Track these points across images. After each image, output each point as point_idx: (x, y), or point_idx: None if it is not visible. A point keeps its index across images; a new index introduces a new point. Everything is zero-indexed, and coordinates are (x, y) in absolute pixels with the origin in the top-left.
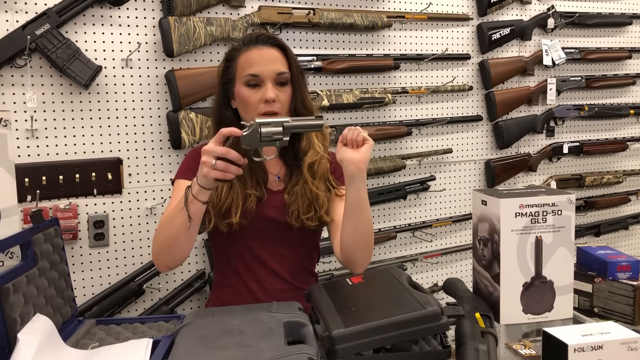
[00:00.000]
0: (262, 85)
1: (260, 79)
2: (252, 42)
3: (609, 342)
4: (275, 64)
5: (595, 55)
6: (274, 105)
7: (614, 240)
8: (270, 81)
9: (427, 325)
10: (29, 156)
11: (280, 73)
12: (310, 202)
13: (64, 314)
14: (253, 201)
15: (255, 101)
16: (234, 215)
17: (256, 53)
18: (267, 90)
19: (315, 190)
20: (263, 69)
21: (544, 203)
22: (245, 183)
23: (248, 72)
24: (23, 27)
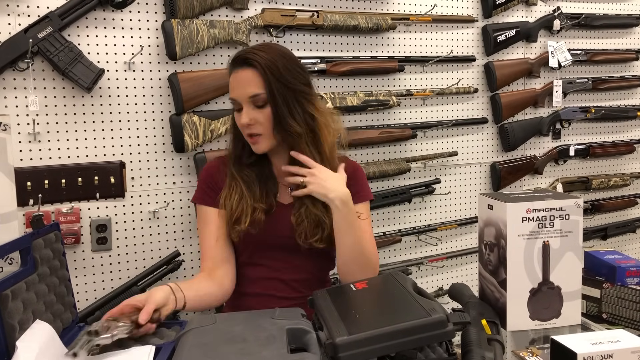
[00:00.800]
0: (242, 109)
1: (238, 103)
2: (231, 64)
3: (619, 351)
4: (248, 86)
5: (602, 57)
6: (252, 127)
7: (621, 244)
8: (245, 104)
9: (432, 333)
10: (31, 160)
11: (254, 95)
12: (317, 224)
13: (64, 320)
14: (261, 213)
15: (240, 125)
16: (243, 223)
17: (233, 77)
18: (241, 115)
19: (318, 213)
20: (237, 93)
21: (551, 207)
22: (254, 194)
23: (230, 96)
24: (25, 30)
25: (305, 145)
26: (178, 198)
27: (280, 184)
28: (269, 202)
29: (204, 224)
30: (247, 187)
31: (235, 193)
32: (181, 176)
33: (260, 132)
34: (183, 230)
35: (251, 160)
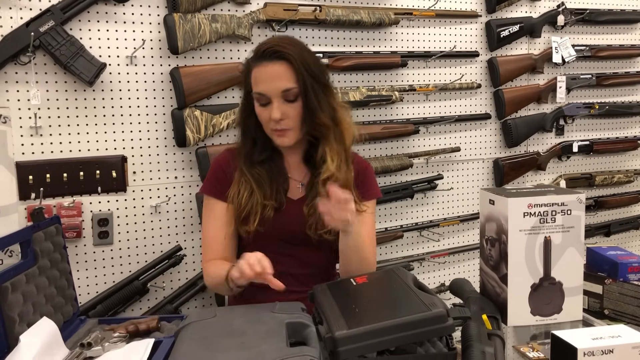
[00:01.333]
0: (270, 103)
1: (266, 97)
2: (258, 58)
3: (619, 346)
4: (281, 80)
5: (606, 53)
6: (283, 122)
7: (624, 241)
8: (276, 99)
9: (432, 327)
10: (33, 154)
11: (286, 90)
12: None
13: (65, 313)
14: (271, 210)
15: (265, 119)
16: (252, 222)
17: (261, 71)
18: (272, 110)
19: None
20: (267, 87)
21: (552, 202)
22: (264, 191)
23: (256, 90)
24: (27, 24)
25: (332, 139)
26: (180, 192)
27: (291, 179)
28: (279, 199)
29: (210, 216)
30: (258, 185)
31: (244, 190)
32: (183, 171)
33: (290, 126)
34: (185, 225)
35: (262, 158)
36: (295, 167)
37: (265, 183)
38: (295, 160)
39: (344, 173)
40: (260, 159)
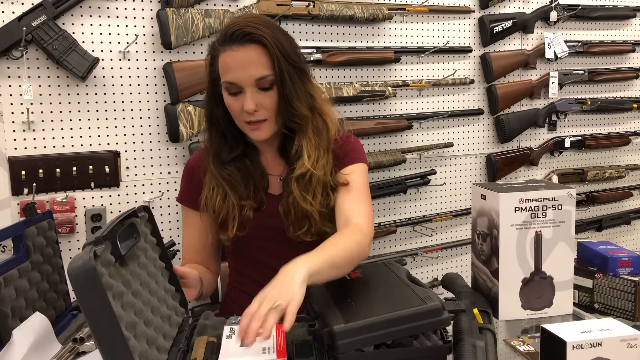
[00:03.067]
0: (242, 92)
1: (238, 86)
2: (227, 40)
3: (608, 339)
4: (254, 67)
5: (598, 49)
6: (257, 113)
7: (615, 236)
8: (249, 88)
9: (428, 321)
10: (25, 149)
11: (261, 78)
12: (304, 214)
13: (57, 307)
14: (250, 211)
15: (237, 110)
16: (230, 228)
17: (231, 56)
18: (245, 100)
19: (307, 207)
20: (239, 75)
21: (543, 197)
22: (239, 192)
23: (225, 78)
24: (19, 18)
25: (310, 131)
26: (173, 188)
27: (270, 175)
28: (258, 198)
29: (185, 225)
30: (230, 186)
31: (217, 194)
32: (176, 166)
33: (266, 117)
34: (178, 220)
35: (233, 155)
36: (272, 161)
37: (240, 184)
38: (271, 154)
39: (321, 167)
40: (231, 157)
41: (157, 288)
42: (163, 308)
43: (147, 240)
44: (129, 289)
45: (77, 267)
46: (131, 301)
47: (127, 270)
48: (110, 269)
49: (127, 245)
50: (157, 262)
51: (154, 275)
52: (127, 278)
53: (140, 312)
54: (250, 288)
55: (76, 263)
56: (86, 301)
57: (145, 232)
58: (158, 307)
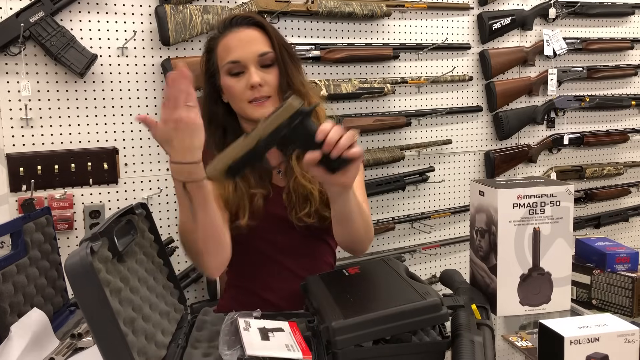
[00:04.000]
0: (245, 72)
1: (241, 64)
2: (227, 26)
3: (605, 335)
4: (256, 44)
5: (597, 46)
6: (262, 89)
7: (614, 232)
8: (253, 65)
9: (427, 316)
10: (23, 145)
11: (263, 54)
12: (305, 197)
13: (55, 303)
14: (260, 199)
15: (240, 90)
16: (242, 217)
17: (233, 37)
18: (251, 75)
19: (307, 184)
20: (242, 53)
21: (542, 194)
22: (249, 181)
23: (227, 59)
24: (17, 14)
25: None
26: (171, 184)
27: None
28: (266, 186)
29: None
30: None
31: (228, 184)
32: None
33: (269, 94)
34: (176, 217)
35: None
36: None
37: (248, 172)
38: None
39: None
40: None
41: (155, 284)
42: (161, 304)
43: (144, 237)
44: (126, 285)
45: (74, 263)
46: (129, 297)
47: (124, 267)
48: (107, 265)
49: (124, 242)
50: (155, 259)
51: (152, 271)
52: (125, 274)
53: (138, 308)
54: (249, 283)
55: (73, 259)
56: (83, 297)
57: (143, 229)
58: (156, 303)
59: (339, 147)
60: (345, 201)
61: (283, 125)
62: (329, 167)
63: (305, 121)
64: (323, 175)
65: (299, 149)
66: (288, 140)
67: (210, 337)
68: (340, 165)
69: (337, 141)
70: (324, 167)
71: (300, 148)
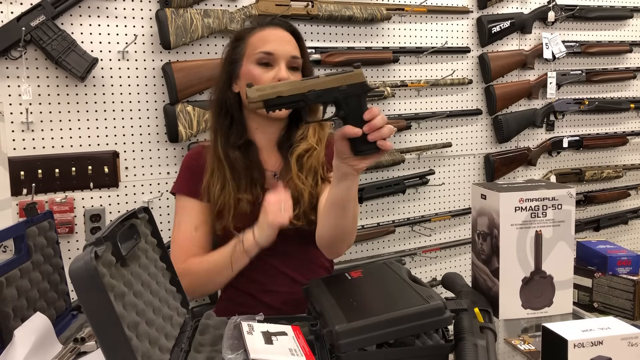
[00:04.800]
0: (273, 66)
1: (273, 57)
2: (267, 23)
3: (609, 338)
4: (291, 46)
5: (596, 49)
6: None
7: (613, 235)
8: (284, 62)
9: (431, 320)
10: (24, 149)
11: (295, 57)
12: (296, 198)
13: (57, 308)
14: (245, 205)
15: (266, 80)
16: (226, 218)
17: (271, 32)
18: (280, 70)
19: (300, 185)
20: (278, 47)
21: (543, 197)
22: (238, 183)
23: (262, 49)
24: (18, 18)
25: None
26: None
27: (267, 172)
28: (255, 193)
29: (183, 215)
30: (233, 173)
31: (217, 182)
32: (175, 166)
33: None
34: None
35: (240, 142)
36: (269, 157)
37: (241, 172)
38: (269, 148)
39: (321, 150)
40: (239, 142)
41: (158, 289)
42: (165, 308)
43: (147, 241)
44: (130, 290)
45: (78, 267)
46: (133, 301)
47: (128, 271)
48: (111, 269)
49: (127, 246)
50: (158, 263)
51: (154, 276)
52: (129, 278)
53: (142, 312)
54: (243, 285)
55: (77, 263)
56: (88, 301)
57: (145, 233)
58: (160, 308)
59: (379, 134)
60: (349, 187)
61: (342, 89)
62: (357, 148)
63: (362, 95)
64: (347, 151)
65: (342, 118)
66: (337, 104)
67: (213, 341)
68: (368, 150)
69: (379, 127)
70: (352, 145)
71: (343, 118)
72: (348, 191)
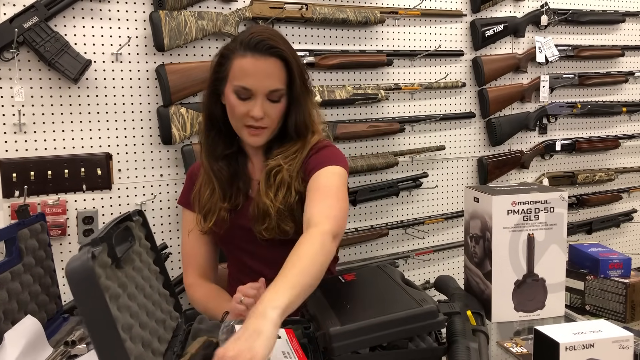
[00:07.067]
0: (251, 99)
1: (250, 92)
2: (251, 47)
3: (600, 341)
4: (271, 79)
5: (588, 53)
6: (262, 121)
7: (605, 238)
8: (261, 97)
9: (424, 323)
10: (16, 151)
11: (274, 90)
12: (265, 212)
13: (48, 311)
14: (224, 212)
15: (241, 113)
16: (208, 221)
17: (251, 63)
18: (255, 107)
19: (265, 200)
20: (256, 83)
21: (536, 200)
22: (224, 191)
23: (239, 83)
24: (10, 20)
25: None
26: (165, 190)
27: (253, 180)
28: (236, 202)
29: (185, 229)
30: (219, 184)
31: (207, 187)
32: (168, 168)
33: (267, 125)
34: (170, 223)
35: (226, 152)
36: (257, 166)
37: (226, 182)
38: (258, 158)
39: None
40: (225, 153)
41: (151, 292)
42: (158, 312)
43: (141, 244)
44: (124, 292)
45: (75, 267)
46: (127, 303)
47: (122, 273)
48: (106, 270)
49: (122, 248)
50: (152, 266)
51: (148, 279)
52: (123, 280)
53: (135, 314)
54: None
55: (74, 264)
56: (84, 301)
57: (139, 236)
58: (153, 311)
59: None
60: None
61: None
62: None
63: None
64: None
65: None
66: None
67: None
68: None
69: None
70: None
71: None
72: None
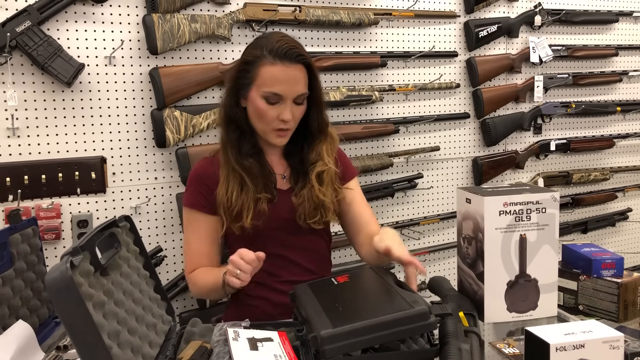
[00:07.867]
0: (280, 103)
1: (280, 97)
2: (281, 56)
3: (591, 341)
4: (299, 84)
5: (582, 53)
6: (288, 123)
7: (600, 237)
8: (290, 101)
9: (416, 325)
10: (10, 155)
11: (301, 94)
12: (317, 206)
13: (40, 315)
14: (265, 203)
15: (272, 117)
16: (245, 217)
17: (282, 71)
18: (285, 110)
19: (321, 197)
20: (286, 89)
21: (528, 201)
22: (256, 186)
23: (271, 89)
24: (3, 24)
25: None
26: (160, 193)
27: (277, 175)
28: (271, 191)
29: (192, 229)
30: (250, 177)
31: (234, 186)
32: (163, 171)
33: (291, 127)
34: (165, 226)
35: (253, 151)
36: (276, 162)
37: (258, 176)
38: (276, 155)
39: (332, 169)
40: (252, 151)
41: (141, 297)
42: (148, 316)
43: (129, 249)
44: (110, 299)
45: (54, 277)
46: (113, 310)
47: (108, 280)
48: (89, 278)
49: (107, 256)
50: (141, 271)
51: (137, 284)
52: (109, 287)
53: (123, 321)
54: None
55: (53, 274)
56: (64, 311)
57: (127, 242)
58: (143, 316)
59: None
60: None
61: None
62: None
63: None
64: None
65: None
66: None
67: None
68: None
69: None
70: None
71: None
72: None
